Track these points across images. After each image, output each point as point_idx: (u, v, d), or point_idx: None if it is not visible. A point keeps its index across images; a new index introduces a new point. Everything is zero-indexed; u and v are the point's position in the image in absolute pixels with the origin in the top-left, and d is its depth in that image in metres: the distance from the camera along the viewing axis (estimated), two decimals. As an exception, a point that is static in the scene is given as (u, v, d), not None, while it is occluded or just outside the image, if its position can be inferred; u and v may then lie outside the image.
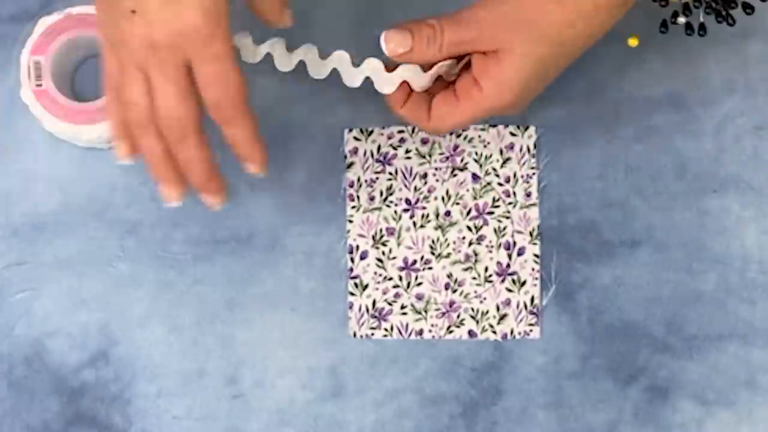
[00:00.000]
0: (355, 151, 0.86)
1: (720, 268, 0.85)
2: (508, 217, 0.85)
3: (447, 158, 0.85)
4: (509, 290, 0.85)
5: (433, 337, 0.85)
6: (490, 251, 0.85)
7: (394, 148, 0.86)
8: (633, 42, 0.79)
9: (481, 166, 0.85)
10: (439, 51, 0.74)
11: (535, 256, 0.85)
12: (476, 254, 0.85)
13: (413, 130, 0.86)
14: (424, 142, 0.86)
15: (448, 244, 0.85)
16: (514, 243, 0.85)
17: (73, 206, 0.84)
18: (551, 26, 0.73)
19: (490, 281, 0.85)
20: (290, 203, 0.85)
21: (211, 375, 0.85)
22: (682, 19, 0.76)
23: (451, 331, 0.85)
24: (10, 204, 0.85)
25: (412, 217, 0.85)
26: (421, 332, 0.85)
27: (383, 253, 0.85)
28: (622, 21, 0.74)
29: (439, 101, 0.76)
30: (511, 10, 0.73)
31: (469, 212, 0.85)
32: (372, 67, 0.76)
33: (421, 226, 0.85)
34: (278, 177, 0.85)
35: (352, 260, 0.85)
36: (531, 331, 0.84)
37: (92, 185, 0.85)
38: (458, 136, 0.86)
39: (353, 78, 0.77)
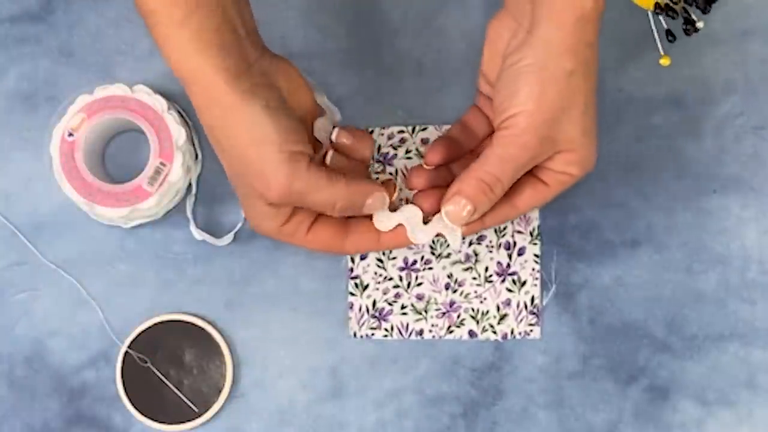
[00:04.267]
0: (355, 151, 0.86)
1: (720, 268, 0.85)
2: (508, 217, 0.85)
3: (447, 158, 0.85)
4: (509, 290, 0.85)
5: (434, 337, 0.85)
6: (491, 251, 0.85)
7: (394, 148, 0.86)
8: (665, 62, 0.77)
9: (481, 166, 0.85)
10: (502, 191, 0.72)
11: (536, 256, 0.85)
12: (476, 254, 0.85)
13: (413, 130, 0.86)
14: (423, 141, 0.85)
15: (449, 244, 0.85)
16: (515, 243, 0.85)
17: (73, 206, 0.84)
18: (573, 76, 0.70)
19: (491, 281, 0.85)
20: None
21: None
22: (700, 24, 0.75)
23: (451, 331, 0.85)
24: (10, 204, 0.85)
25: (412, 217, 0.85)
26: (421, 332, 0.85)
27: (383, 253, 0.85)
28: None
29: (529, 195, 0.74)
30: (542, 108, 0.70)
31: (469, 212, 0.85)
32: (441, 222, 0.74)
33: (422, 226, 0.85)
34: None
35: (352, 260, 0.85)
36: (531, 331, 0.84)
37: (92, 185, 0.86)
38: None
39: (426, 234, 0.75)
